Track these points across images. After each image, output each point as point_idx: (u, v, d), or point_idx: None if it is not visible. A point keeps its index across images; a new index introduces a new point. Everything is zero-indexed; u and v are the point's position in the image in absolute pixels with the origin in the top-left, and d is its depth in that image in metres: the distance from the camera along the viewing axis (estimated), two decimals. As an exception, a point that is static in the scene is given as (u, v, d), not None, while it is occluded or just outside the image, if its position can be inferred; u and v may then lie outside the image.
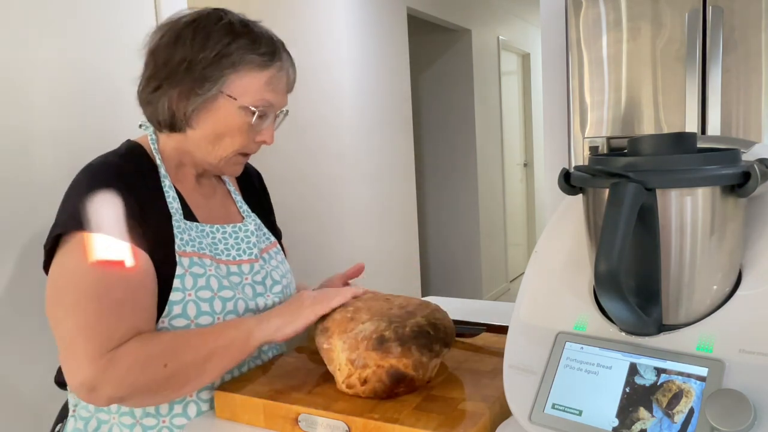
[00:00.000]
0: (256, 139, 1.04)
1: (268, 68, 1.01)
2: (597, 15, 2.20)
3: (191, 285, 0.97)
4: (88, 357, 0.86)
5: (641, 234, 0.64)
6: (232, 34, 0.99)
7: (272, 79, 1.01)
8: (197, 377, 0.92)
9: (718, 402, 0.59)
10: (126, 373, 0.87)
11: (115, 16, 1.55)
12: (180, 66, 0.98)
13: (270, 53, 1.01)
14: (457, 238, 4.91)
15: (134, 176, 0.99)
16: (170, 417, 0.98)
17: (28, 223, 1.34)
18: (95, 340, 0.87)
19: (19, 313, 1.32)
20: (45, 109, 1.40)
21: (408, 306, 0.95)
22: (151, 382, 0.89)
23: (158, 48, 1.00)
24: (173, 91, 0.99)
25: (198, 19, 1.00)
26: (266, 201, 1.27)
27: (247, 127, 1.01)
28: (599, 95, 2.23)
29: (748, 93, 2.01)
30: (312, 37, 2.91)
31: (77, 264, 0.91)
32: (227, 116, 1.00)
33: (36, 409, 1.34)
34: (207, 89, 0.98)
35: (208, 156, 1.03)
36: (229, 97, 0.99)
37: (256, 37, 1.00)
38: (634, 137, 0.70)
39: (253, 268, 1.07)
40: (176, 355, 0.90)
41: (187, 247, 0.99)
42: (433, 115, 4.85)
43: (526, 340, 0.75)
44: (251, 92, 1.00)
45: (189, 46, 0.98)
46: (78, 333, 0.88)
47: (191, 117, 1.00)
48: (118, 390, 0.87)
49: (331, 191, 3.05)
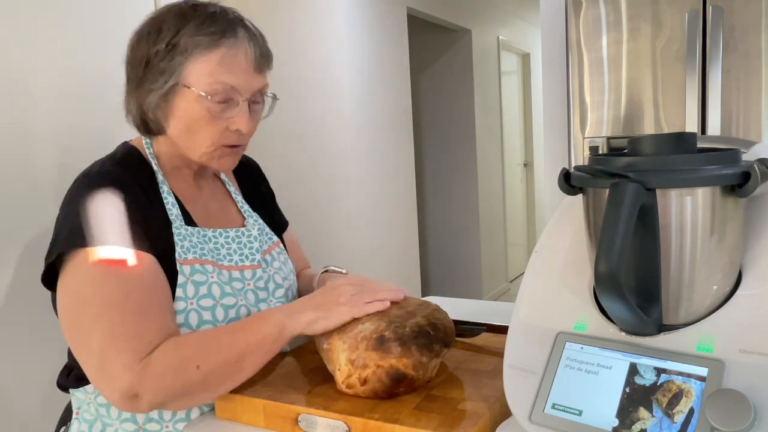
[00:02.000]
0: (230, 128, 0.97)
1: (218, 47, 0.93)
2: (597, 15, 2.20)
3: (193, 294, 0.96)
4: (123, 365, 0.84)
5: (641, 234, 0.64)
6: (182, 19, 0.94)
7: (225, 58, 0.93)
8: (233, 376, 0.89)
9: (718, 402, 0.59)
10: (162, 378, 0.85)
11: (115, 16, 1.55)
12: (140, 65, 0.95)
13: (220, 31, 0.93)
14: (457, 238, 4.92)
15: (132, 185, 0.95)
16: (173, 422, 0.97)
17: (28, 224, 1.34)
18: (127, 348, 0.85)
19: (20, 315, 1.32)
20: (45, 109, 1.40)
21: (408, 306, 0.95)
22: (187, 384, 0.86)
23: (128, 52, 0.99)
24: (139, 92, 0.97)
25: (156, 13, 0.97)
26: (267, 192, 1.24)
27: (211, 115, 0.95)
28: (599, 95, 2.23)
29: (748, 93, 2.01)
30: (312, 37, 2.91)
31: (91, 277, 0.89)
32: (188, 108, 0.95)
33: (37, 411, 1.34)
34: (162, 83, 0.94)
35: (189, 153, 1.00)
36: (185, 87, 0.94)
37: (207, 17, 0.94)
38: (634, 137, 0.70)
39: (256, 274, 1.06)
40: (208, 355, 0.87)
41: (188, 254, 0.97)
42: (433, 115, 4.85)
43: (526, 340, 0.75)
44: (204, 77, 0.93)
45: (146, 43, 0.95)
46: (108, 344, 0.85)
47: (158, 116, 0.97)
48: (157, 395, 0.86)
49: (331, 191, 3.05)
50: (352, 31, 3.22)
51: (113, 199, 0.93)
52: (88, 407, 0.99)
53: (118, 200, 0.93)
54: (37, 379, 1.34)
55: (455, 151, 4.82)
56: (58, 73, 1.43)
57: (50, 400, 0.95)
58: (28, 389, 1.34)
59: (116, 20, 1.56)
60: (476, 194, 4.81)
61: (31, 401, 1.34)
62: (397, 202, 3.72)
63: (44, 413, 1.30)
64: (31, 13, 1.37)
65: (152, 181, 1.00)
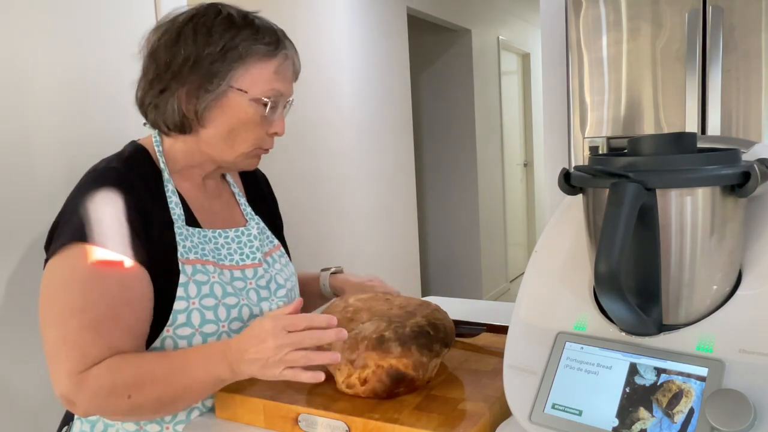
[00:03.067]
0: (269, 131, 1.03)
1: (275, 57, 1.00)
2: (597, 15, 2.20)
3: (195, 293, 0.96)
4: (64, 372, 0.87)
5: (641, 234, 0.64)
6: (235, 26, 0.97)
7: (280, 68, 1.00)
8: (162, 411, 0.92)
9: (718, 402, 0.59)
10: (94, 396, 0.87)
11: (115, 16, 1.55)
12: (185, 65, 0.96)
13: (275, 42, 1.00)
14: (457, 238, 4.91)
15: (137, 183, 0.97)
16: (173, 423, 0.97)
17: (28, 224, 1.34)
18: (71, 357, 0.87)
19: (20, 314, 1.32)
20: (46, 109, 1.40)
21: (408, 306, 0.95)
22: (116, 409, 0.89)
23: (158, 49, 0.98)
24: (181, 91, 0.97)
25: (196, 15, 0.99)
26: (274, 207, 1.26)
27: (260, 119, 1.00)
28: (599, 95, 2.23)
29: (748, 93, 2.01)
30: (312, 37, 2.91)
31: (67, 277, 0.91)
32: (239, 110, 0.98)
33: (37, 410, 1.34)
34: (216, 85, 0.96)
35: (224, 154, 1.02)
36: (239, 90, 0.97)
37: (258, 27, 0.99)
38: (634, 137, 0.70)
39: (257, 273, 1.06)
40: (141, 388, 0.87)
41: (190, 254, 0.98)
42: (433, 114, 4.85)
43: (526, 340, 0.75)
44: (261, 83, 0.98)
45: (192, 44, 0.96)
46: (59, 348, 0.88)
47: (203, 116, 0.98)
48: (89, 409, 0.89)
49: (331, 191, 3.05)
50: (352, 31, 3.22)
51: (114, 198, 0.94)
52: None
53: (119, 200, 0.94)
54: (39, 379, 1.34)
55: (455, 151, 4.82)
56: (58, 74, 1.43)
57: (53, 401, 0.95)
58: (29, 389, 1.34)
59: (116, 21, 1.56)
60: (476, 194, 4.81)
61: (33, 401, 1.34)
62: (397, 202, 3.72)
63: (47, 413, 1.30)
64: (32, 10, 1.37)
65: (158, 180, 1.01)
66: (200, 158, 1.04)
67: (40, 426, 1.34)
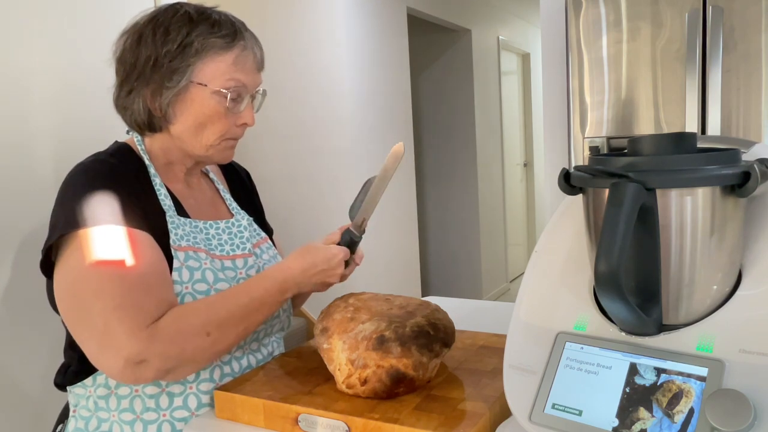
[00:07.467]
0: (237, 123, 1.05)
1: (232, 48, 1.01)
2: (597, 15, 2.20)
3: (188, 278, 0.99)
4: (127, 333, 0.86)
5: (641, 234, 0.64)
6: (191, 22, 1.00)
7: (238, 59, 1.02)
8: (237, 339, 0.97)
9: (718, 402, 0.59)
10: (171, 344, 0.89)
11: (114, 16, 1.55)
12: (147, 64, 0.99)
13: (231, 34, 1.02)
14: (457, 238, 4.92)
15: (126, 174, 1.00)
16: (170, 411, 0.98)
17: (27, 223, 1.34)
18: (130, 316, 0.88)
19: (19, 313, 1.32)
20: (44, 109, 1.40)
21: (408, 306, 0.95)
22: (197, 350, 0.91)
23: (124, 52, 1.02)
24: (146, 91, 1.00)
25: (156, 15, 1.02)
26: (257, 200, 1.28)
27: (224, 111, 1.02)
28: (599, 95, 2.23)
29: (748, 93, 2.01)
30: (312, 38, 2.91)
31: (90, 255, 0.91)
32: (202, 104, 1.01)
33: (36, 409, 1.34)
34: (177, 81, 0.99)
35: (194, 148, 1.04)
36: (199, 84, 1.00)
37: (215, 21, 1.01)
38: (634, 137, 0.70)
39: (247, 263, 1.09)
40: (217, 321, 0.93)
41: (182, 241, 1.00)
42: (433, 114, 4.86)
43: (526, 340, 0.75)
44: (219, 75, 1.00)
45: (151, 44, 0.99)
46: (111, 315, 0.88)
47: (168, 112, 1.01)
48: (166, 361, 0.89)
49: (331, 191, 3.05)
50: (352, 31, 3.22)
51: (108, 184, 0.96)
52: (87, 402, 1.00)
53: (113, 185, 0.96)
54: (35, 378, 1.34)
55: (455, 151, 4.82)
56: (57, 74, 1.43)
57: (48, 400, 0.95)
58: (25, 388, 1.34)
59: (116, 20, 1.56)
60: (476, 194, 4.81)
61: (28, 400, 1.34)
62: (397, 202, 3.72)
63: (42, 413, 1.30)
64: (30, 13, 1.37)
65: (145, 173, 1.03)
66: (178, 154, 1.07)
67: (40, 426, 1.34)
